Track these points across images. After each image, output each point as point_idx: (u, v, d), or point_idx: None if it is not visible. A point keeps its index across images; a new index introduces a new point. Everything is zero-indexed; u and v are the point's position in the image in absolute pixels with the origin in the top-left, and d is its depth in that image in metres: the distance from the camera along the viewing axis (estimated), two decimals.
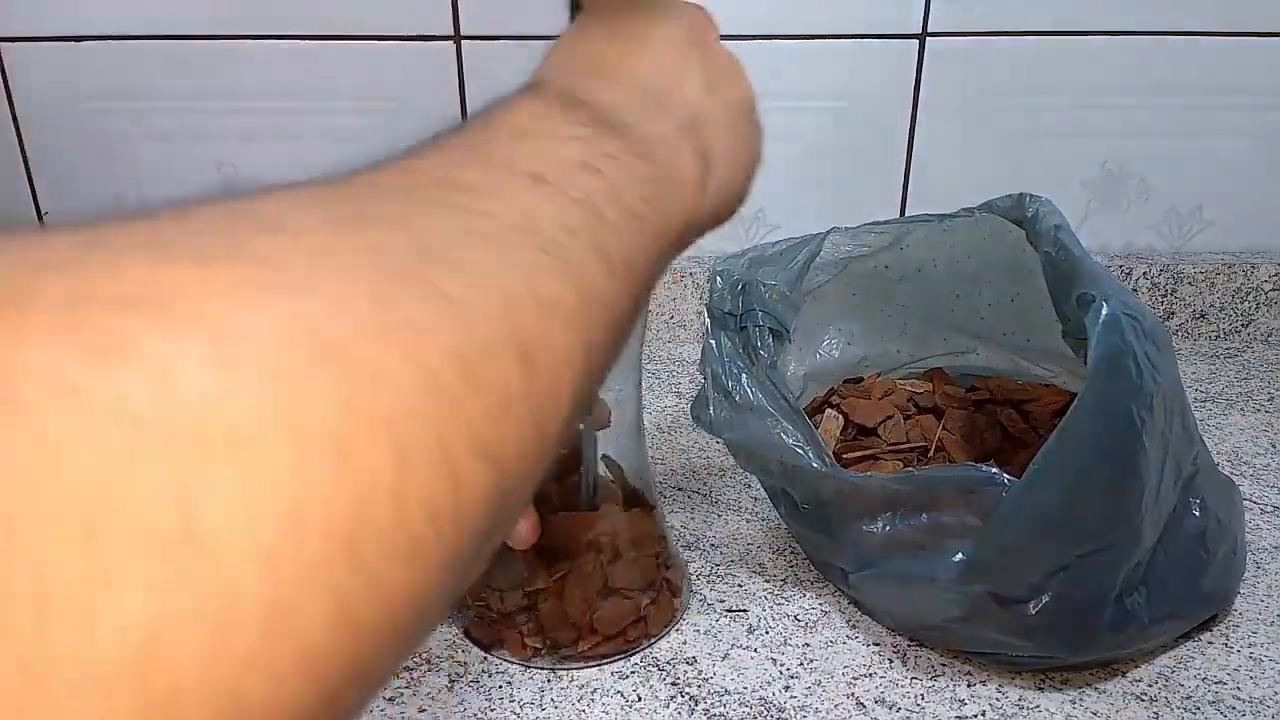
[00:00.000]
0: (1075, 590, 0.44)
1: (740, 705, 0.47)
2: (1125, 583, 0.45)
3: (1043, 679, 0.48)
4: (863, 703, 0.47)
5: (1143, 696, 0.47)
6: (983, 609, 0.46)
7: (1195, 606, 0.50)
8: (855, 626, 0.52)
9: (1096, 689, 0.48)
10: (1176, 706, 0.47)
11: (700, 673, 0.49)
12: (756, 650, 0.51)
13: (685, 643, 0.51)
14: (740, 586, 0.55)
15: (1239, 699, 0.47)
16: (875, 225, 0.61)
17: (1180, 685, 0.48)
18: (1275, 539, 0.59)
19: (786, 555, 0.58)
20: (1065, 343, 0.48)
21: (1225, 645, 0.51)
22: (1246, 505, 0.57)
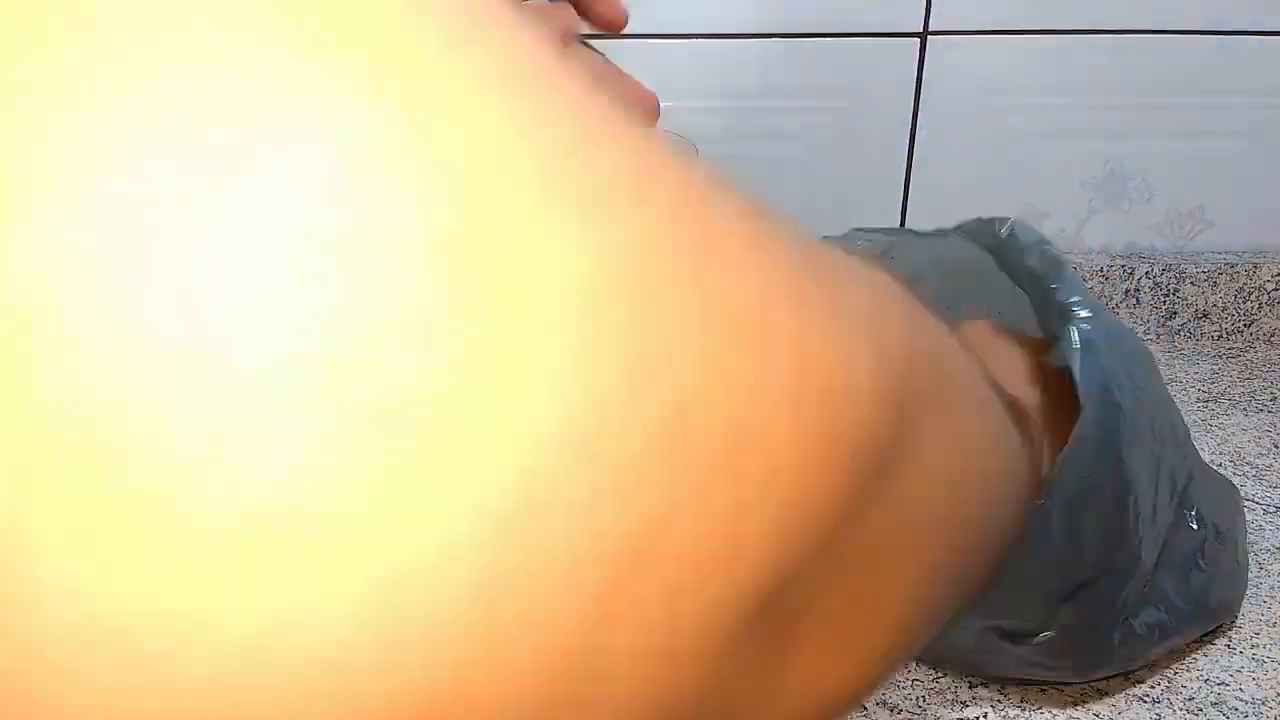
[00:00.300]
0: (1081, 619, 0.44)
1: None
2: (1131, 605, 0.45)
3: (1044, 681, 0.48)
4: (863, 703, 0.47)
5: (1145, 698, 0.47)
6: (989, 644, 0.45)
7: (1203, 620, 0.49)
8: None
9: (1098, 691, 0.48)
10: (1179, 708, 0.47)
11: None
12: None
13: None
14: None
15: (1241, 700, 0.47)
16: (863, 231, 0.60)
17: (1183, 687, 0.48)
18: (1278, 540, 0.58)
19: None
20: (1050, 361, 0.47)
21: (1228, 646, 0.50)
22: (1249, 506, 0.57)
